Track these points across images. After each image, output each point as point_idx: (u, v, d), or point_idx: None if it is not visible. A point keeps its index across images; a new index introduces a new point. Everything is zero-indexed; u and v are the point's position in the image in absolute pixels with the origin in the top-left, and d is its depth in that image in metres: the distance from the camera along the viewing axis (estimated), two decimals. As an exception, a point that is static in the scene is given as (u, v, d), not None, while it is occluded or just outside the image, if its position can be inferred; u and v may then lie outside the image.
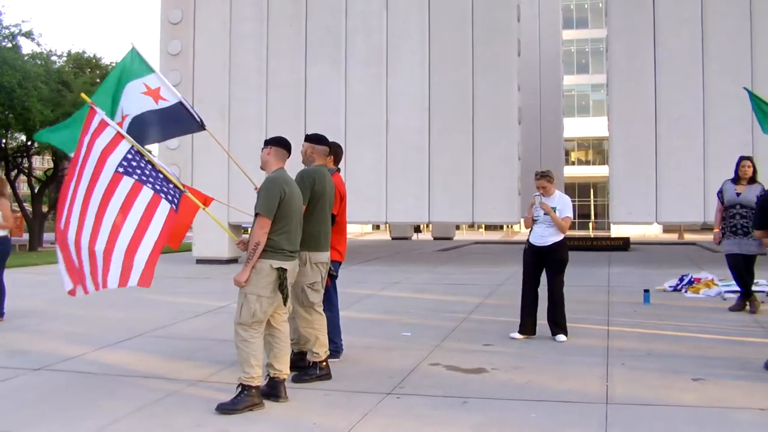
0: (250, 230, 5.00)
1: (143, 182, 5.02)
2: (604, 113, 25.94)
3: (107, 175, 4.99)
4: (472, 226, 27.81)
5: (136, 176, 5.02)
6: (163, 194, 5.04)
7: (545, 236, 6.95)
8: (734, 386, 5.16)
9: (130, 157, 5.05)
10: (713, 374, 5.49)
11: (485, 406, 4.85)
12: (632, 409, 4.70)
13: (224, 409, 4.68)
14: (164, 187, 5.09)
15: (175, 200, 5.08)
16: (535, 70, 25.54)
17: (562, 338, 6.85)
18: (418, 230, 32.05)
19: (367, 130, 15.17)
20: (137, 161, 5.08)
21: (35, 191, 29.48)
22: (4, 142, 27.52)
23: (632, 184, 14.13)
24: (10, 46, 25.50)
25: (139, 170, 5.05)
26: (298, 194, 5.12)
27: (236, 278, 4.83)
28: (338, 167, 6.21)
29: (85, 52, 30.14)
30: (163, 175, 5.12)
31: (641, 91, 14.11)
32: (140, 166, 5.07)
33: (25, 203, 33.40)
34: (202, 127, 6.24)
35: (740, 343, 6.71)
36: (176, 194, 5.12)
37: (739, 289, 8.54)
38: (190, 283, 12.36)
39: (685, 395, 4.97)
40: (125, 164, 5.03)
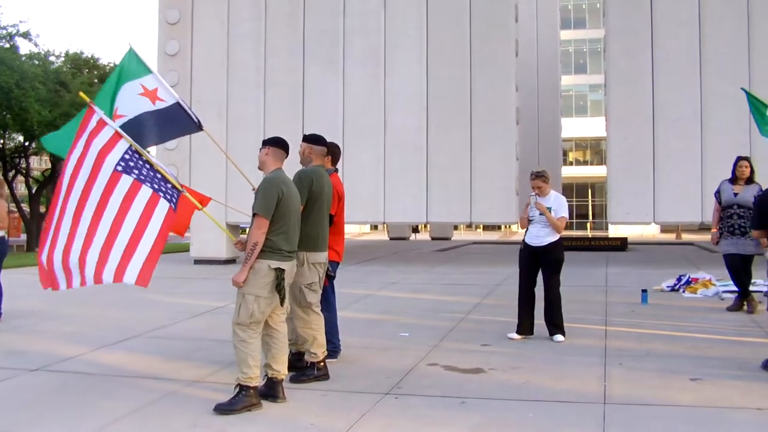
0: (248, 230, 5.00)
1: (142, 181, 5.01)
2: (601, 113, 25.97)
3: (106, 173, 4.98)
4: (469, 226, 27.83)
5: (134, 175, 5.01)
6: (161, 193, 5.04)
7: (541, 236, 6.96)
8: (732, 386, 5.17)
9: (127, 157, 5.05)
10: (711, 374, 5.49)
11: (483, 406, 4.85)
12: (630, 409, 4.70)
13: (222, 409, 4.68)
14: (162, 186, 5.08)
15: (173, 200, 5.08)
16: (533, 70, 25.58)
17: (559, 338, 6.85)
18: (415, 230, 32.07)
19: (364, 130, 15.17)
20: (135, 160, 5.07)
21: (33, 192, 29.46)
22: (1, 142, 27.50)
23: (630, 184, 14.14)
24: (7, 46, 25.49)
25: (137, 169, 5.05)
26: (296, 194, 5.12)
27: (234, 278, 4.83)
28: (336, 167, 6.21)
29: (83, 52, 30.15)
30: (161, 174, 5.11)
31: (639, 91, 14.12)
32: (138, 165, 5.07)
33: (22, 204, 33.38)
34: (199, 127, 6.23)
35: (738, 343, 6.72)
36: (174, 194, 5.12)
37: (736, 289, 8.55)
38: (188, 283, 12.35)
39: (682, 395, 4.97)
40: (123, 163, 5.02)
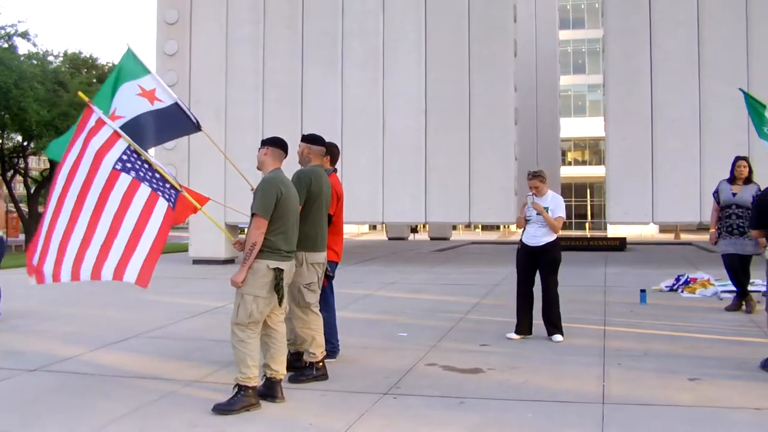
0: (246, 230, 5.00)
1: (141, 180, 5.01)
2: (600, 114, 25.99)
3: (104, 172, 4.97)
4: (468, 226, 27.84)
5: (133, 173, 5.01)
6: (160, 192, 5.03)
7: (538, 236, 6.96)
8: (730, 386, 5.17)
9: (125, 158, 5.04)
10: (709, 374, 5.50)
11: (482, 406, 4.85)
12: (629, 408, 4.71)
13: (221, 409, 4.68)
14: (161, 186, 5.08)
15: (171, 199, 5.07)
16: (531, 70, 25.56)
17: (558, 338, 6.86)
18: (414, 230, 32.06)
19: (363, 131, 15.17)
20: (134, 160, 5.07)
21: (31, 192, 29.43)
22: (0, 142, 27.47)
23: (629, 184, 14.15)
24: (6, 46, 25.49)
25: (136, 167, 5.04)
26: (294, 194, 5.12)
27: (233, 278, 4.83)
28: (335, 167, 6.21)
29: (81, 52, 30.12)
30: (159, 174, 5.11)
31: (637, 92, 14.13)
32: (137, 165, 5.06)
33: (21, 204, 33.36)
34: (198, 128, 6.23)
35: (736, 342, 6.72)
36: (173, 194, 5.11)
37: (735, 288, 8.56)
38: (186, 283, 12.35)
39: (681, 395, 4.98)
40: (122, 163, 5.02)
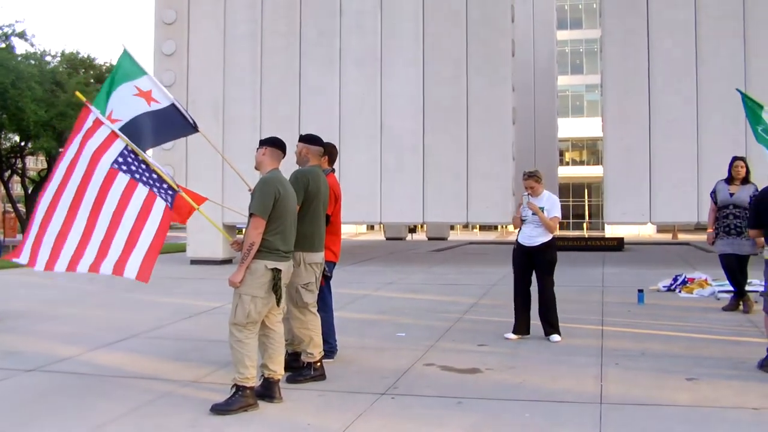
0: (244, 231, 5.00)
1: (137, 180, 5.01)
2: (598, 114, 26.02)
3: (102, 171, 4.98)
4: (466, 226, 27.85)
5: (130, 173, 5.01)
6: (157, 192, 5.03)
7: (534, 236, 6.96)
8: (728, 386, 5.18)
9: (121, 160, 5.03)
10: (707, 374, 5.51)
11: (480, 406, 4.86)
12: (626, 408, 4.71)
13: (218, 409, 4.68)
14: (158, 186, 5.08)
15: (168, 199, 5.07)
16: (529, 70, 25.56)
17: (556, 338, 6.86)
18: (412, 230, 32.05)
19: (361, 130, 15.18)
20: (131, 160, 5.06)
21: (29, 192, 29.42)
22: (-2, 142, 27.46)
23: (626, 184, 14.16)
24: (3, 46, 25.49)
25: (133, 167, 5.04)
26: (292, 194, 5.12)
27: (231, 279, 4.83)
28: (333, 168, 6.21)
29: (79, 52, 30.16)
30: (157, 174, 5.11)
31: (635, 92, 14.14)
32: (134, 164, 5.06)
33: (18, 204, 33.33)
34: (195, 129, 6.22)
35: (734, 342, 6.74)
36: (170, 194, 5.11)
37: (732, 289, 8.57)
38: (184, 283, 12.33)
39: (678, 395, 4.98)
40: (120, 160, 5.02)
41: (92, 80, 29.10)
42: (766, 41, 13.59)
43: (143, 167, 5.08)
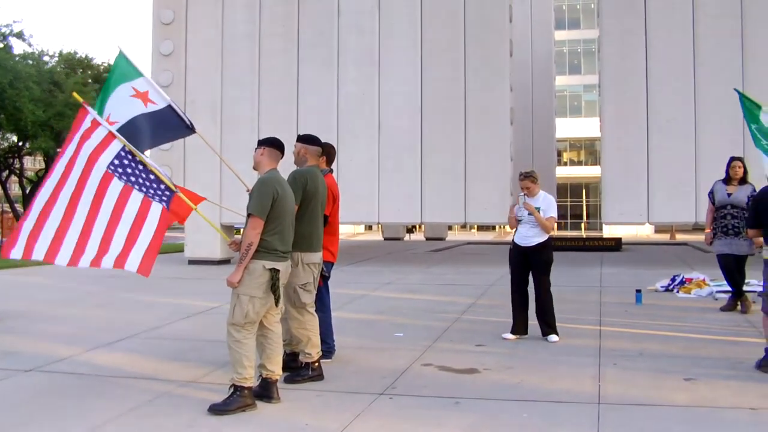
0: (242, 231, 4.99)
1: (132, 185, 5.00)
2: (596, 114, 26.00)
3: (98, 173, 4.98)
4: (464, 226, 27.84)
5: (125, 178, 5.01)
6: (151, 197, 5.02)
7: (530, 237, 6.97)
8: (725, 386, 5.19)
9: (117, 162, 5.02)
10: (705, 374, 5.51)
11: (477, 406, 4.86)
12: (624, 408, 4.72)
13: (216, 409, 4.68)
14: (154, 189, 5.06)
15: (164, 200, 5.05)
16: (527, 70, 25.57)
17: (553, 338, 6.87)
18: (410, 231, 32.07)
19: (359, 130, 15.18)
20: (128, 161, 5.05)
21: (27, 192, 29.39)
22: (-5, 142, 27.44)
23: (624, 184, 14.17)
24: (1, 46, 25.46)
25: (129, 170, 5.03)
26: (290, 195, 5.12)
27: (229, 279, 4.83)
28: (331, 168, 6.21)
29: (76, 52, 30.13)
30: (154, 176, 5.09)
31: (633, 92, 14.15)
32: (131, 166, 5.05)
33: (16, 204, 33.29)
34: (192, 130, 6.21)
35: (731, 342, 6.74)
36: (168, 195, 5.09)
37: (730, 289, 8.58)
38: (182, 283, 12.33)
39: (676, 395, 4.99)
40: (117, 162, 5.02)
41: (90, 80, 29.08)
42: (763, 40, 13.61)
43: (140, 168, 5.07)
